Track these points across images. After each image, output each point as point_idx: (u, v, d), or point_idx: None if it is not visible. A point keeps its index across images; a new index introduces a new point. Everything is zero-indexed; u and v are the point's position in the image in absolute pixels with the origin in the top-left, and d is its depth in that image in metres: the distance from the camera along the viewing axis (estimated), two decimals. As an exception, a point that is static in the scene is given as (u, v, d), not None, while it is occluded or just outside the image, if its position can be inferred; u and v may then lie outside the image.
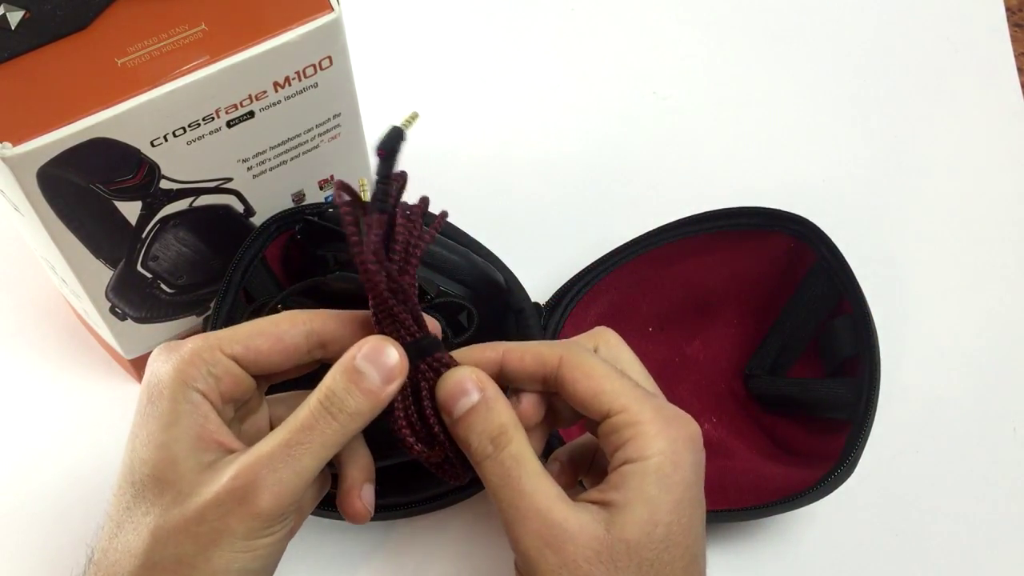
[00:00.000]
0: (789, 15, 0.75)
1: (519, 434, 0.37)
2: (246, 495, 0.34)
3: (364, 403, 0.36)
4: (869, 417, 0.51)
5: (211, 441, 0.35)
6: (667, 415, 0.37)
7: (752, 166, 0.68)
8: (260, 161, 0.49)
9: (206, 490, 0.34)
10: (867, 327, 0.53)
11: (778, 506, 0.51)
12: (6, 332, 0.60)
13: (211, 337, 0.37)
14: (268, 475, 0.34)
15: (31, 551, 0.53)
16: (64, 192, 0.43)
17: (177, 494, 0.34)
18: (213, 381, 0.36)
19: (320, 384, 0.36)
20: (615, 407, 0.37)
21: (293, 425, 0.35)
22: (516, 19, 0.74)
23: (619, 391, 0.37)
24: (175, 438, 0.35)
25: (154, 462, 0.35)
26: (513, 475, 0.36)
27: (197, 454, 0.35)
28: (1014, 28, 0.75)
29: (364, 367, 0.36)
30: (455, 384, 0.37)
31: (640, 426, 0.36)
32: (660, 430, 0.36)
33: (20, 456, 0.56)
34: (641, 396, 0.37)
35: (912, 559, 0.54)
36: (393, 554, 0.54)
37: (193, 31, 0.44)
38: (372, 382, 0.36)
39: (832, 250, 0.55)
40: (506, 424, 0.37)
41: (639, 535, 0.35)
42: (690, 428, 0.37)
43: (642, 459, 0.36)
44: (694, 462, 0.37)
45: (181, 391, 0.36)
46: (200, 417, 0.36)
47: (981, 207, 0.67)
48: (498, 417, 0.37)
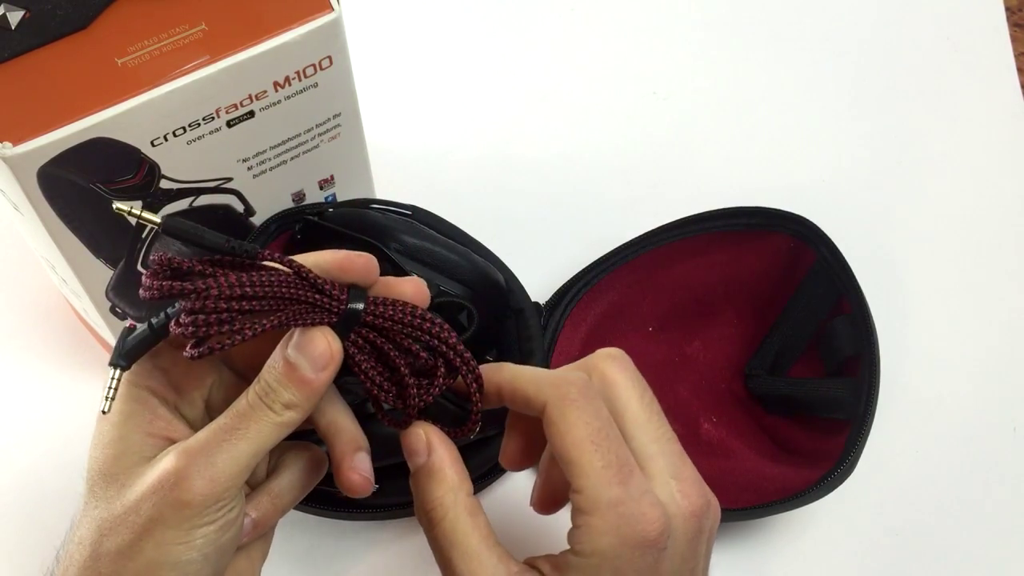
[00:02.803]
0: (789, 15, 0.75)
1: (455, 510, 0.35)
2: (178, 482, 0.34)
3: (298, 393, 0.35)
4: (869, 417, 0.51)
5: (159, 437, 0.36)
6: (624, 512, 0.33)
7: (752, 166, 0.68)
8: (260, 161, 0.49)
9: (142, 481, 0.34)
10: (867, 327, 0.53)
11: (778, 506, 0.51)
12: (6, 332, 0.60)
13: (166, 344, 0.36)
14: (201, 461, 0.34)
15: (32, 551, 0.53)
16: (64, 192, 0.43)
17: (120, 487, 0.35)
18: (160, 374, 0.36)
19: (259, 375, 0.36)
20: (576, 484, 0.34)
21: (230, 413, 0.35)
22: (516, 19, 0.74)
23: (584, 469, 0.33)
24: (123, 435, 0.35)
25: (103, 459, 0.35)
26: (444, 554, 0.35)
27: (144, 449, 0.35)
28: (1014, 28, 0.75)
29: (294, 357, 0.35)
30: (407, 442, 0.37)
31: (589, 518, 0.33)
32: (609, 529, 0.33)
33: (20, 456, 0.56)
34: (604, 481, 0.33)
35: (912, 559, 0.54)
36: (392, 554, 0.54)
37: (193, 31, 0.44)
38: (304, 371, 0.35)
39: (832, 250, 0.55)
40: (439, 498, 0.36)
41: None
42: (648, 529, 0.33)
43: (583, 555, 0.33)
44: (645, 567, 0.33)
45: (128, 389, 0.36)
46: (148, 413, 0.36)
47: (981, 207, 0.67)
48: (433, 490, 0.36)
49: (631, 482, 0.33)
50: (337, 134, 0.51)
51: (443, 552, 0.35)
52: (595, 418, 0.34)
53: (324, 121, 0.50)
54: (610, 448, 0.34)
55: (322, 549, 0.53)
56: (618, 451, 0.34)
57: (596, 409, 0.34)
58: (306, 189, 0.53)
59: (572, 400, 0.34)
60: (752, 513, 0.52)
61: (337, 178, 0.54)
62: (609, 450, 0.34)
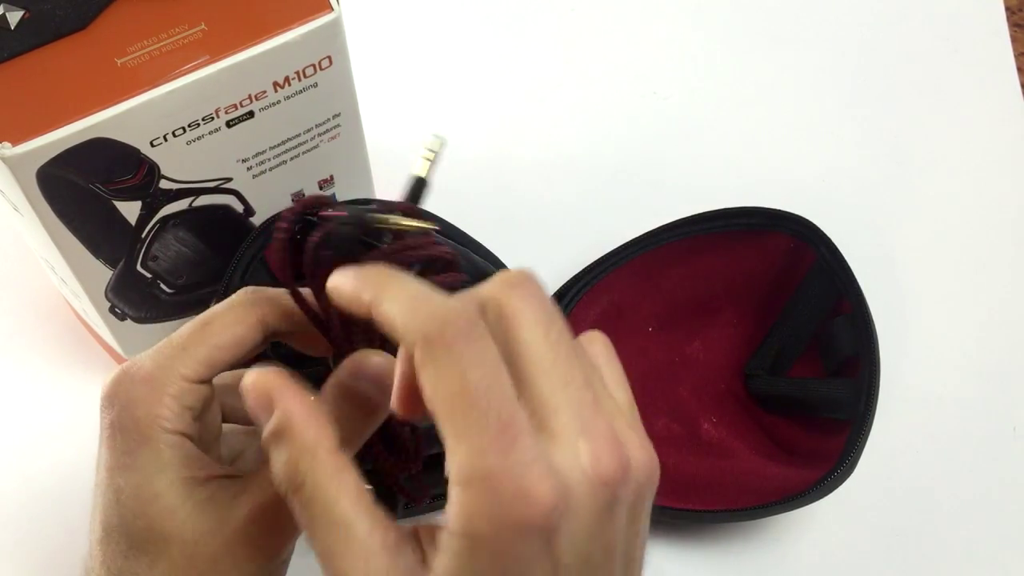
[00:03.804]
0: (789, 15, 0.75)
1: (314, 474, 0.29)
2: (255, 544, 0.34)
3: (371, 423, 0.35)
4: (869, 417, 0.51)
5: (200, 479, 0.34)
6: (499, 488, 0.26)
7: (752, 166, 0.68)
8: (260, 161, 0.49)
9: (214, 544, 0.34)
10: (867, 327, 0.53)
11: (778, 506, 0.51)
12: (6, 332, 0.60)
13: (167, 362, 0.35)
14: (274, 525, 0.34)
15: (31, 551, 0.53)
16: (64, 192, 0.43)
17: (182, 546, 0.34)
18: (188, 415, 0.35)
19: None
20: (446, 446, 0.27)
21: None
22: (516, 19, 0.74)
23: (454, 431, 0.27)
24: (167, 487, 0.34)
25: (150, 515, 0.34)
26: (311, 524, 0.29)
27: (191, 495, 0.34)
28: (1014, 28, 0.75)
29: (362, 387, 0.34)
30: (250, 401, 0.31)
31: (459, 491, 0.27)
32: (481, 510, 0.26)
33: (20, 456, 0.56)
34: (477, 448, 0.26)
35: (912, 559, 0.54)
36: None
37: (193, 31, 0.43)
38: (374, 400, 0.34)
39: (832, 250, 0.55)
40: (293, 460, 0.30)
41: None
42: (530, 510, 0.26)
43: (457, 536, 0.27)
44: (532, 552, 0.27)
45: (158, 436, 0.34)
46: (183, 457, 0.34)
47: (981, 207, 0.67)
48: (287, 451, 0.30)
49: (514, 449, 0.26)
50: (337, 134, 0.51)
51: (307, 527, 0.30)
52: (475, 366, 0.27)
53: (324, 121, 0.50)
54: (490, 406, 0.27)
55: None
56: (500, 410, 0.27)
57: (479, 354, 0.27)
58: (306, 189, 0.53)
59: (446, 343, 0.27)
60: (752, 513, 0.52)
61: (337, 178, 0.54)
62: (489, 409, 0.27)
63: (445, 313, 0.28)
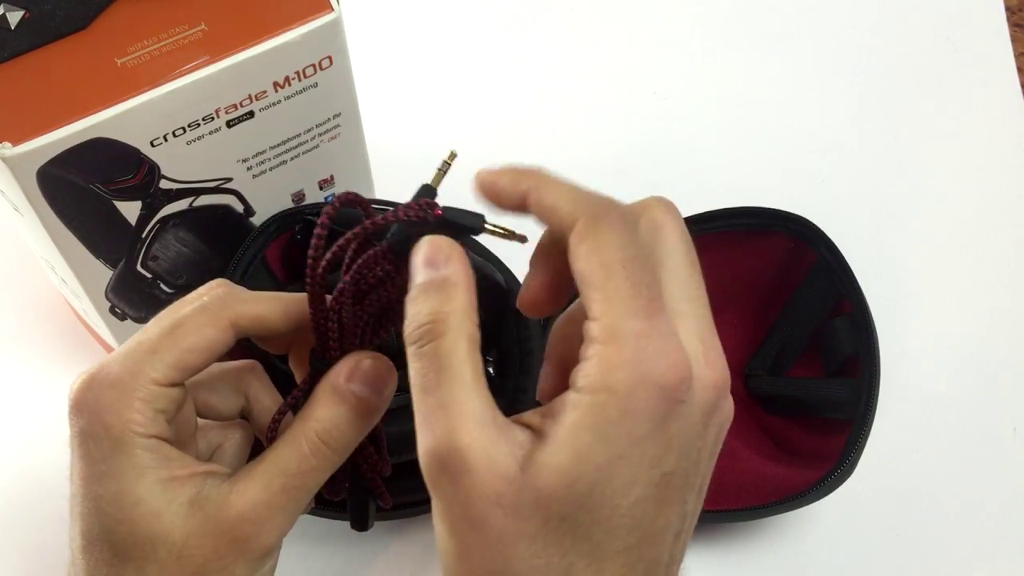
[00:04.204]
0: (789, 15, 0.75)
1: (458, 332, 0.30)
2: (247, 543, 0.33)
3: (366, 426, 0.35)
4: (869, 417, 0.51)
5: (181, 478, 0.34)
6: (646, 346, 0.28)
7: (752, 166, 0.68)
8: (260, 161, 0.49)
9: (203, 543, 0.33)
10: (867, 327, 0.53)
11: (778, 506, 0.51)
12: (6, 332, 0.60)
13: (136, 366, 0.34)
14: (267, 523, 0.34)
15: (32, 551, 0.53)
16: (64, 192, 0.43)
17: (171, 547, 0.33)
18: (161, 417, 0.34)
19: (308, 416, 0.34)
20: (595, 310, 0.29)
21: (288, 467, 0.34)
22: (516, 19, 0.74)
23: (609, 293, 0.29)
24: (148, 491, 0.33)
25: (134, 521, 0.33)
26: (429, 377, 0.30)
27: (175, 496, 0.33)
28: (1014, 28, 0.75)
29: (360, 390, 0.34)
30: (425, 253, 0.31)
31: (604, 347, 0.28)
32: (626, 362, 0.28)
33: (19, 456, 0.56)
34: (629, 309, 0.28)
35: (912, 559, 0.54)
36: (392, 554, 0.54)
37: (193, 31, 0.43)
38: (371, 403, 0.34)
39: (832, 250, 0.55)
40: (445, 313, 0.30)
41: (554, 484, 0.28)
42: (670, 372, 0.28)
43: (588, 391, 0.28)
44: (658, 416, 0.28)
45: (132, 441, 0.33)
46: (160, 460, 0.34)
47: (981, 207, 0.67)
48: (443, 304, 0.30)
49: (658, 318, 0.29)
50: (337, 134, 0.51)
51: (428, 374, 0.30)
52: (632, 244, 0.30)
53: (324, 121, 0.50)
54: (642, 279, 0.29)
55: (322, 548, 0.53)
56: (650, 284, 0.29)
57: (635, 237, 0.30)
58: (306, 189, 0.53)
59: (611, 220, 0.30)
60: (752, 513, 0.52)
61: (337, 178, 0.54)
62: (641, 280, 0.29)
63: (609, 200, 0.31)
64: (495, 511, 0.28)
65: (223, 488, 0.34)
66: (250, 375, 0.39)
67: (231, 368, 0.39)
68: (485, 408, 0.29)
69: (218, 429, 0.39)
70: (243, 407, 0.39)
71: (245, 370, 0.39)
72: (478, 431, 0.29)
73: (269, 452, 0.35)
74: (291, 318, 0.36)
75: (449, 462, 0.29)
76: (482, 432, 0.29)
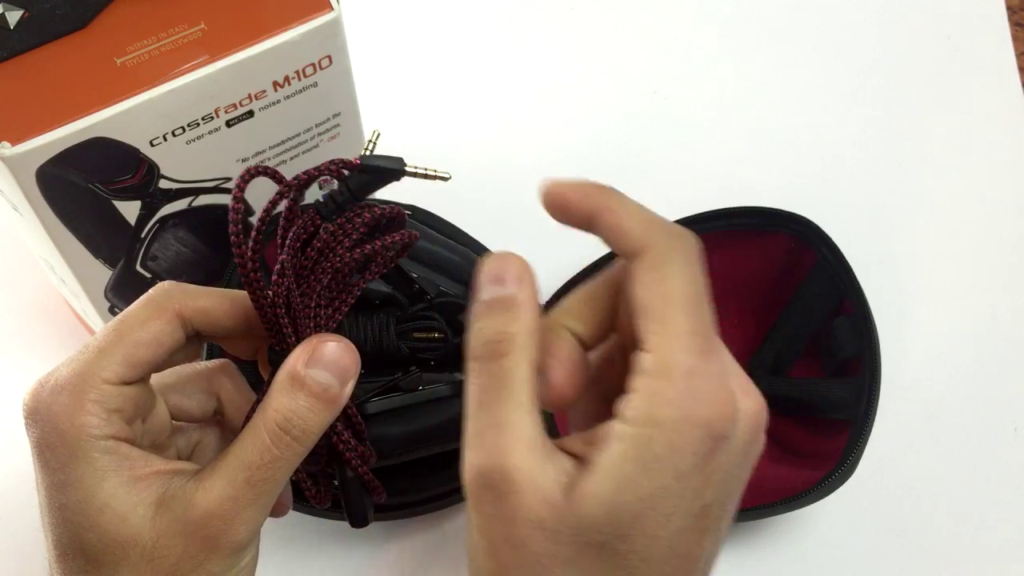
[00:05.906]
0: (789, 15, 0.75)
1: (522, 354, 0.30)
2: (217, 540, 0.33)
3: (328, 414, 0.34)
4: (870, 417, 0.51)
5: (146, 479, 0.33)
6: (697, 385, 0.29)
7: (752, 165, 0.68)
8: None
9: (174, 543, 0.33)
10: (868, 327, 0.53)
11: (778, 506, 0.51)
12: (6, 332, 0.59)
13: (85, 367, 0.33)
14: (236, 519, 0.33)
15: (33, 552, 0.53)
16: (63, 192, 0.43)
17: (142, 550, 0.33)
18: (117, 417, 0.33)
19: (267, 407, 0.34)
20: (650, 342, 0.29)
21: (251, 460, 0.33)
22: (516, 19, 0.74)
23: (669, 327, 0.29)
24: (111, 495, 0.32)
25: (101, 527, 0.32)
26: (488, 394, 0.30)
27: (140, 498, 0.33)
28: (1015, 28, 0.75)
29: (320, 376, 0.34)
30: (494, 268, 0.32)
31: (654, 381, 0.29)
32: (675, 399, 0.28)
33: (18, 456, 0.56)
34: (685, 345, 0.29)
35: (912, 559, 0.54)
36: (392, 554, 0.54)
37: (193, 30, 0.43)
38: (333, 389, 0.34)
39: (832, 250, 0.55)
40: (511, 333, 0.30)
41: (595, 512, 0.28)
42: (717, 412, 0.29)
43: (635, 423, 0.29)
44: (703, 452, 0.29)
45: (90, 444, 0.33)
46: (122, 460, 0.33)
47: (981, 207, 0.67)
48: (509, 323, 0.31)
49: (711, 357, 0.30)
50: (337, 134, 0.51)
51: (488, 391, 0.30)
52: (697, 281, 0.30)
53: (324, 121, 0.50)
54: (702, 318, 0.30)
55: (321, 549, 0.53)
56: (709, 324, 0.30)
57: (699, 274, 0.31)
58: (306, 189, 0.53)
59: (685, 251, 0.31)
60: (752, 513, 0.52)
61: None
62: (702, 319, 0.30)
63: (680, 230, 0.31)
64: (536, 534, 0.29)
65: (189, 486, 0.33)
66: (222, 376, 0.39)
67: (201, 369, 0.38)
68: (537, 432, 0.30)
69: (197, 427, 0.39)
70: (216, 408, 0.39)
71: (216, 371, 0.39)
72: (528, 454, 0.29)
73: (232, 446, 0.34)
74: (239, 313, 0.36)
75: (496, 481, 0.29)
76: (531, 455, 0.29)
